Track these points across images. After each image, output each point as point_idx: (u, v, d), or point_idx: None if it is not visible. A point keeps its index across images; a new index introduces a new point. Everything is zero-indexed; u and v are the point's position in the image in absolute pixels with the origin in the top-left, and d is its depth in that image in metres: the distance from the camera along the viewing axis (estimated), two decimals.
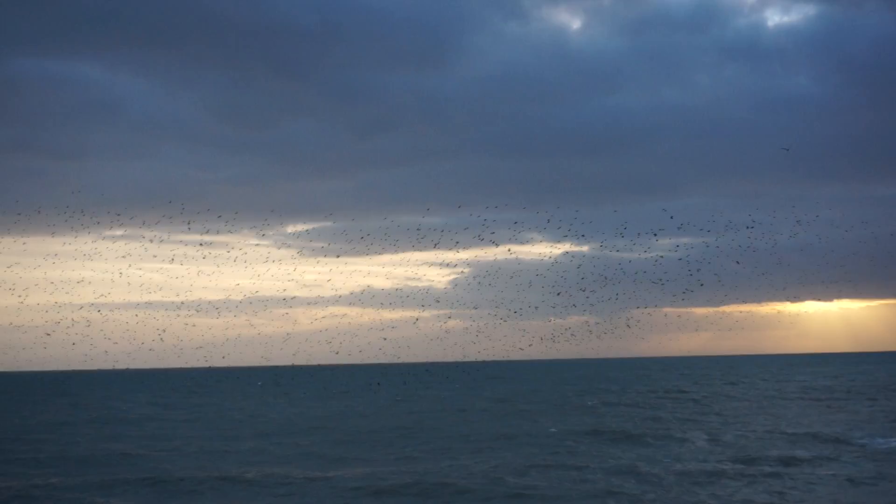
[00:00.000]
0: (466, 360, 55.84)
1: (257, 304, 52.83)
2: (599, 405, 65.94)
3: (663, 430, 45.29)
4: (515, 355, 50.16)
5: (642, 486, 28.84)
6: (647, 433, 43.62)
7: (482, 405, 69.27)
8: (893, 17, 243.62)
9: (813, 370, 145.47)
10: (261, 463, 36.15)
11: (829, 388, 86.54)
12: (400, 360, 55.05)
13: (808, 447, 37.99)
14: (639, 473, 31.33)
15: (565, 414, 57.55)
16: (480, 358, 54.78)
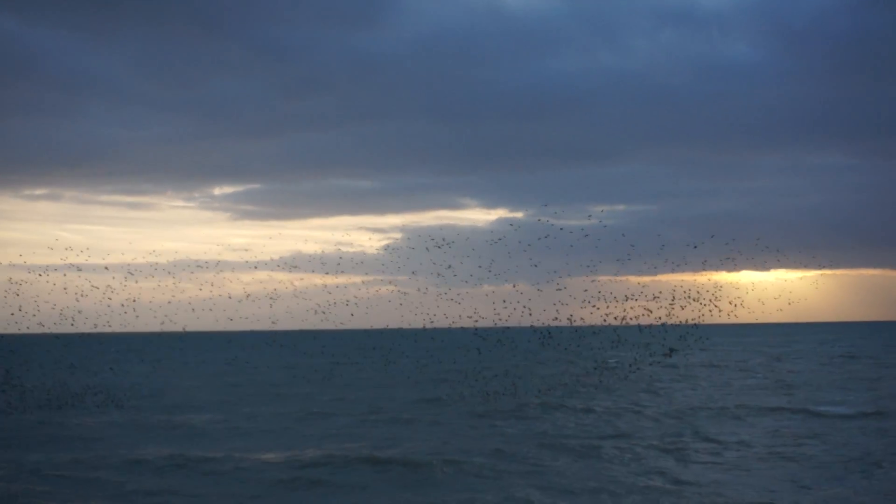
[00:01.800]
0: (400, 327, 54.64)
1: (183, 267, 50.85)
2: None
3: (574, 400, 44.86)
4: (449, 323, 49.02)
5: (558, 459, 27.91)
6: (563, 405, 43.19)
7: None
8: None
9: (751, 339, 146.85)
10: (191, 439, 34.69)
11: (772, 356, 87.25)
12: (332, 327, 53.59)
13: (745, 418, 37.69)
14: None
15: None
16: (413, 325, 53.63)
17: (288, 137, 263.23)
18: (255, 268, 54.40)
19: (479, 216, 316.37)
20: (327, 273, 48.72)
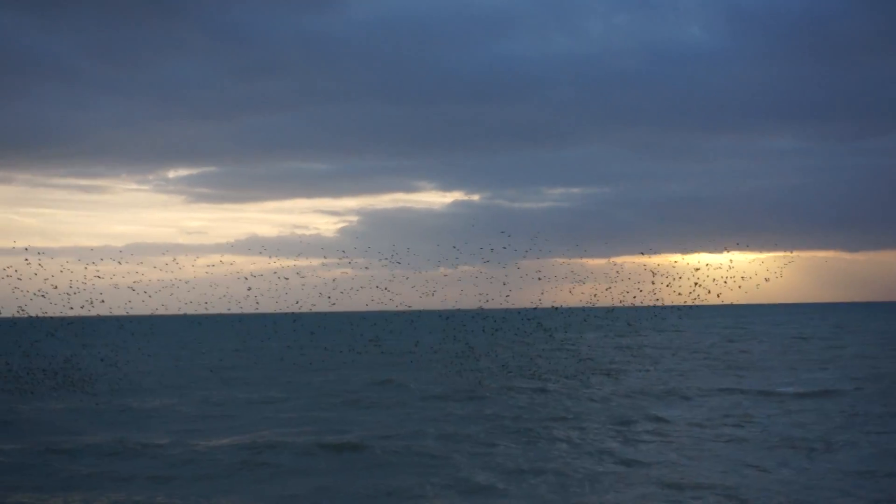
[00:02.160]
0: (356, 310, 54.53)
1: (138, 250, 50.35)
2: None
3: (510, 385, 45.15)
4: (407, 305, 48.93)
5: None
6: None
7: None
8: None
9: (705, 321, 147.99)
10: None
11: (725, 337, 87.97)
12: (288, 310, 53.21)
13: (694, 398, 38.06)
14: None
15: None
16: (371, 308, 53.52)
17: (243, 120, 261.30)
18: (212, 251, 54.02)
19: (435, 199, 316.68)
20: (284, 256, 48.41)
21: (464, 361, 59.25)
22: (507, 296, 49.20)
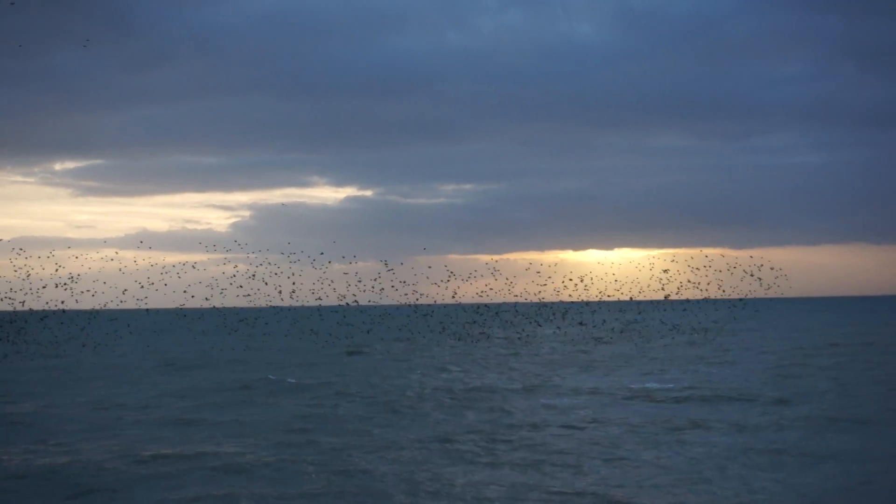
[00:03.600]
0: (252, 306, 54.55)
1: (24, 245, 49.54)
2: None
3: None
4: (301, 301, 49.51)
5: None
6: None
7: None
8: None
9: (598, 316, 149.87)
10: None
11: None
12: (181, 306, 53.26)
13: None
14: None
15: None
16: (266, 303, 53.83)
17: (132, 112, 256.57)
18: (103, 244, 53.53)
19: (328, 194, 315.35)
20: (176, 250, 48.40)
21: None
22: (403, 290, 50.15)
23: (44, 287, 48.28)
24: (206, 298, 52.51)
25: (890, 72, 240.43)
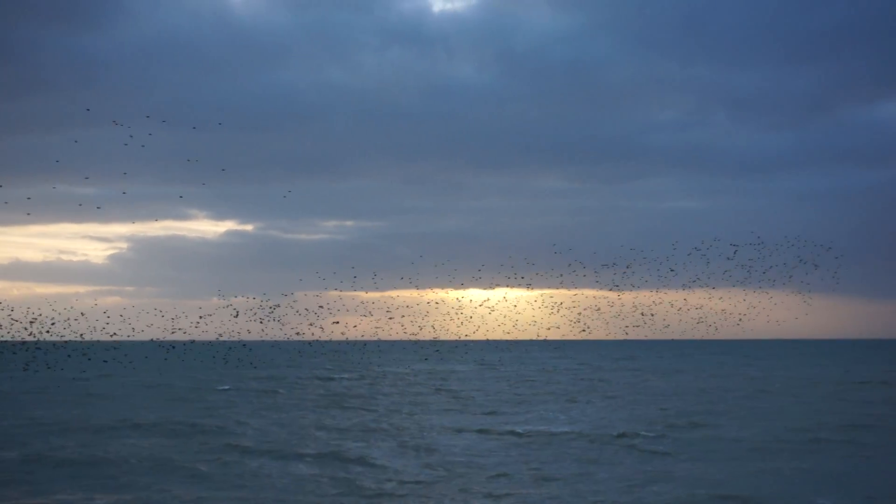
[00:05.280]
0: (131, 339, 52.65)
1: None
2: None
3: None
4: (181, 336, 47.66)
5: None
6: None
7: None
8: (552, 10, 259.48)
9: (474, 355, 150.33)
10: None
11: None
12: (52, 338, 50.92)
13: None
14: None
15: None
16: (144, 338, 52.14)
17: (4, 140, 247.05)
18: None
19: (207, 227, 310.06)
20: (50, 282, 46.07)
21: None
22: (284, 326, 48.61)
23: None
24: (82, 334, 50.29)
25: (757, 122, 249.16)
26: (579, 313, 48.21)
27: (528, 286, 42.84)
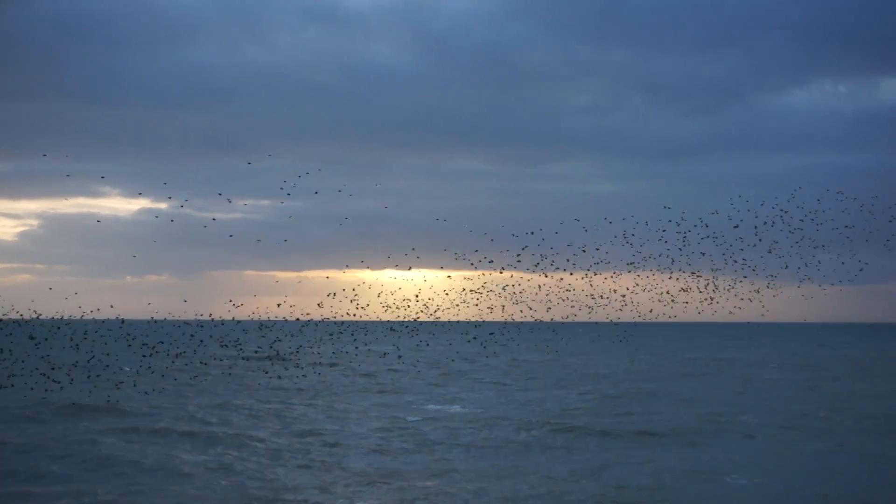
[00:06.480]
0: (41, 317, 51.16)
1: None
2: None
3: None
4: (95, 314, 46.41)
5: None
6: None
7: None
8: None
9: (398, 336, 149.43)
10: None
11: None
12: None
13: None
14: None
15: None
16: (57, 315, 50.67)
17: None
18: None
19: (120, 205, 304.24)
20: None
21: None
22: (200, 306, 47.78)
23: None
24: None
25: (672, 108, 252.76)
26: (498, 295, 48.39)
27: (443, 267, 42.72)
